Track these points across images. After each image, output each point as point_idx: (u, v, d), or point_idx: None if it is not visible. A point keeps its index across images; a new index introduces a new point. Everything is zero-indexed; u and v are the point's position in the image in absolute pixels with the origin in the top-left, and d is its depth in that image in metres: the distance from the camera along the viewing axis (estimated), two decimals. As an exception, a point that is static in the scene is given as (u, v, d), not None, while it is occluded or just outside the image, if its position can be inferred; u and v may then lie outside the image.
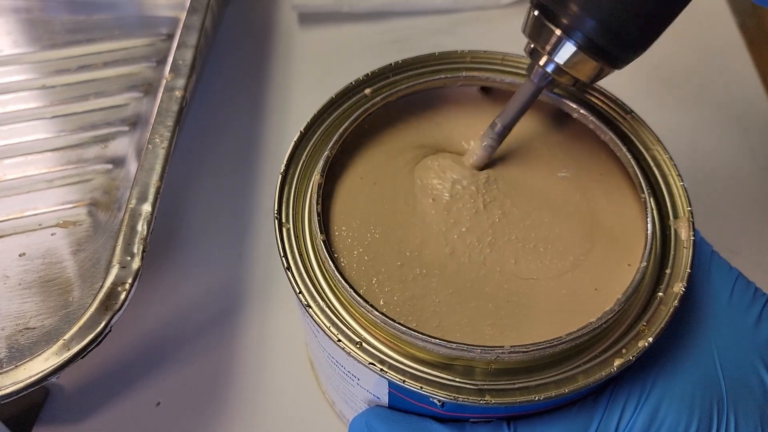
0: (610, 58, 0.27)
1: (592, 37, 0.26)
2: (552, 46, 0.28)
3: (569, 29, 0.27)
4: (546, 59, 0.28)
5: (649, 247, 0.28)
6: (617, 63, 0.28)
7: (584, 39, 0.27)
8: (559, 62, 0.28)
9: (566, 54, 0.28)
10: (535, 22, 0.28)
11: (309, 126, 0.32)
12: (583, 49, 0.27)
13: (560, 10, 0.27)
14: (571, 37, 0.27)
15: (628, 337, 0.27)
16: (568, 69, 0.28)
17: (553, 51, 0.28)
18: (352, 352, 0.26)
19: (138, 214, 0.36)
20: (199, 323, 0.43)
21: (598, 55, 0.27)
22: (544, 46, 0.28)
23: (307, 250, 0.29)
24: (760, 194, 0.50)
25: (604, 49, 0.27)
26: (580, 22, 0.26)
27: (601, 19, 0.26)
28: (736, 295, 0.31)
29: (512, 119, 0.31)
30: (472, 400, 0.25)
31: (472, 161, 0.32)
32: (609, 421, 0.28)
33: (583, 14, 0.26)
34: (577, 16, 0.26)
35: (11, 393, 0.31)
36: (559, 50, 0.28)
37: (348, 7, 0.61)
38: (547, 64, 0.29)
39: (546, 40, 0.28)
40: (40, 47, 0.53)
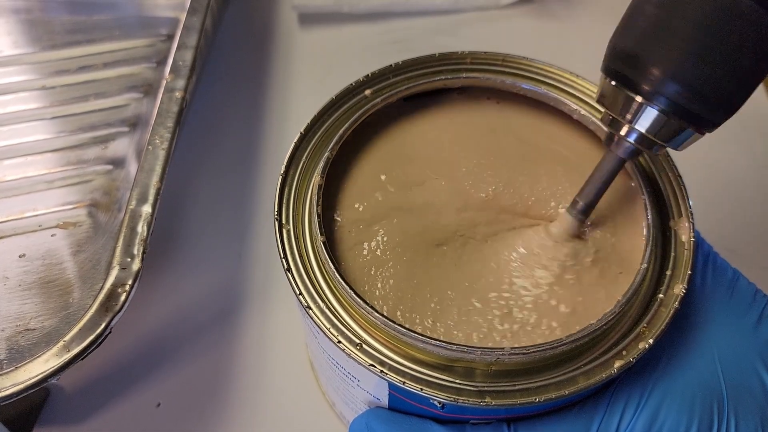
0: (697, 120, 0.25)
1: (676, 100, 0.25)
2: (633, 114, 0.26)
3: (651, 95, 0.25)
4: (627, 128, 0.27)
5: (650, 248, 0.28)
6: (705, 125, 0.26)
7: (668, 103, 0.25)
8: (640, 130, 0.26)
9: (648, 120, 0.26)
10: (612, 91, 0.26)
11: (309, 127, 0.32)
12: (668, 114, 0.25)
13: (639, 76, 0.25)
14: (653, 102, 0.25)
15: (628, 339, 0.27)
16: (651, 136, 0.26)
17: (634, 119, 0.26)
18: (352, 354, 0.26)
19: (138, 215, 0.36)
20: (199, 324, 0.43)
21: (684, 118, 0.25)
22: (624, 115, 0.26)
23: (307, 252, 0.29)
24: (760, 194, 0.50)
25: (691, 112, 0.25)
26: (663, 86, 0.25)
27: (685, 82, 0.24)
28: (736, 297, 0.30)
29: (596, 196, 0.29)
30: (473, 402, 0.25)
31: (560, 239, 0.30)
32: (609, 423, 0.28)
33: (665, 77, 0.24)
34: (659, 80, 0.24)
35: (11, 394, 0.31)
36: (641, 117, 0.26)
37: (348, 8, 0.61)
38: (629, 133, 0.27)
39: (625, 108, 0.26)
40: (40, 48, 0.53)
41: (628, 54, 0.25)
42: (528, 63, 0.35)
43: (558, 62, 0.35)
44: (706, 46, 0.24)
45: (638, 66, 0.25)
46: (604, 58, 0.27)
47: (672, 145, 0.27)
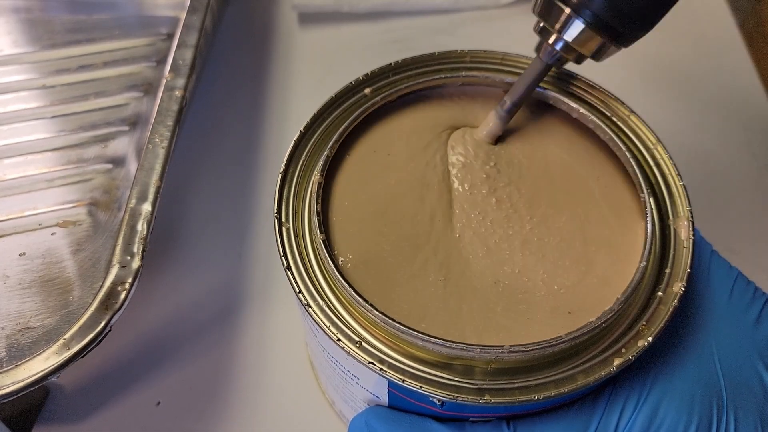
0: (616, 34, 0.29)
1: (600, 14, 0.28)
2: (561, 24, 0.29)
3: (578, 7, 0.28)
4: (555, 37, 0.30)
5: (649, 246, 0.28)
6: (623, 40, 0.29)
7: (592, 16, 0.28)
8: (567, 39, 0.29)
9: (575, 31, 0.29)
10: (546, 2, 0.30)
11: (309, 125, 0.32)
12: (591, 27, 0.28)
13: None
14: (580, 15, 0.28)
15: (627, 337, 0.27)
16: (575, 46, 0.29)
17: (562, 29, 0.29)
18: (352, 352, 0.26)
19: (138, 213, 0.36)
20: (199, 323, 0.43)
21: (605, 31, 0.28)
22: (554, 25, 0.29)
23: (306, 250, 0.29)
24: (760, 194, 0.50)
25: (611, 26, 0.28)
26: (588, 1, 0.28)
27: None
28: (735, 295, 0.31)
29: (521, 96, 0.32)
30: (472, 400, 0.25)
31: (483, 134, 0.33)
32: (608, 421, 0.28)
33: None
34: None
35: (11, 392, 0.31)
36: (568, 28, 0.29)
37: (348, 7, 0.61)
38: (556, 42, 0.30)
39: (556, 19, 0.29)
40: (40, 47, 0.53)
41: None
42: (527, 62, 0.35)
43: (557, 61, 0.35)
44: None
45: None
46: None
47: (593, 56, 0.30)
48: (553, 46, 0.30)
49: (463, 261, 0.29)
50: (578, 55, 0.30)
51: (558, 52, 0.30)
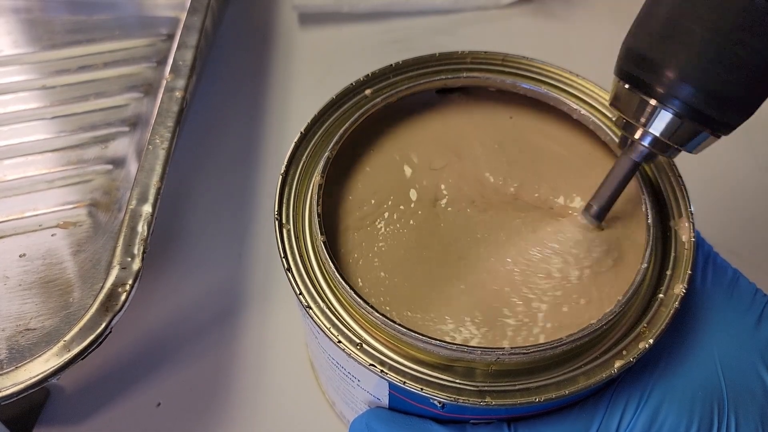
0: (712, 123, 0.25)
1: (691, 103, 0.25)
2: (647, 118, 0.26)
3: (665, 98, 0.25)
4: (641, 132, 0.27)
5: (650, 248, 0.28)
6: (720, 127, 0.26)
7: (683, 106, 0.25)
8: (654, 133, 0.26)
9: (663, 124, 0.26)
10: (626, 94, 0.26)
11: (309, 127, 0.32)
12: (682, 117, 0.25)
13: (653, 79, 0.25)
14: (667, 106, 0.25)
15: (628, 339, 0.27)
16: (666, 139, 0.26)
17: (648, 122, 0.26)
18: (353, 354, 0.26)
19: (138, 214, 0.36)
20: (199, 323, 0.43)
21: (698, 121, 0.25)
22: (639, 118, 0.26)
23: (307, 251, 0.29)
24: (760, 194, 0.50)
25: (705, 115, 0.25)
26: (677, 89, 0.24)
27: (699, 85, 0.24)
28: (736, 297, 0.30)
29: (610, 200, 0.29)
30: (473, 402, 0.25)
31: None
32: (609, 423, 0.28)
33: (680, 79, 0.24)
34: (673, 83, 0.24)
35: (12, 394, 0.31)
36: (655, 120, 0.26)
37: (348, 7, 0.61)
38: (643, 137, 0.27)
39: (639, 112, 0.26)
40: (40, 47, 0.53)
41: (642, 56, 0.25)
42: (528, 63, 0.35)
43: (558, 62, 0.35)
44: (720, 48, 0.23)
45: (652, 69, 0.25)
46: (618, 60, 0.27)
47: (687, 148, 0.26)
48: (639, 141, 0.27)
49: (466, 264, 0.29)
50: (670, 148, 0.27)
51: (646, 147, 0.27)
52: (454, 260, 0.30)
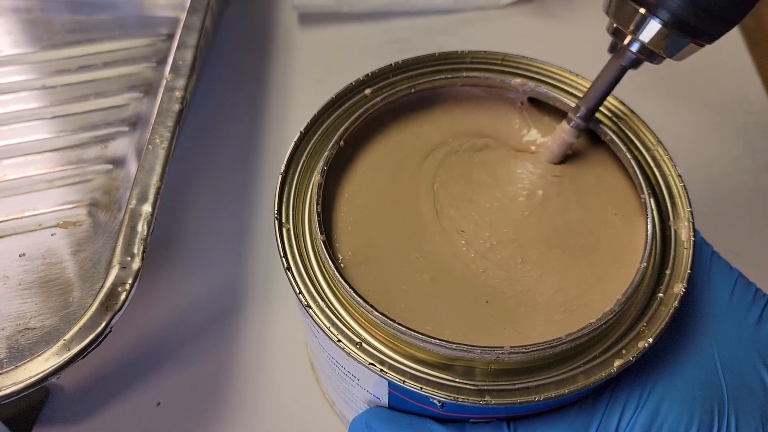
0: (698, 33, 0.26)
1: (677, 13, 0.26)
2: (636, 25, 0.27)
3: (654, 7, 0.26)
4: (630, 39, 0.28)
5: (649, 247, 0.28)
6: (705, 38, 0.27)
7: (670, 16, 0.26)
8: (644, 41, 0.27)
9: (651, 32, 0.27)
10: (618, 2, 0.28)
11: (309, 126, 0.32)
12: (669, 27, 0.26)
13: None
14: (656, 14, 0.26)
15: (628, 338, 0.27)
16: (653, 47, 0.27)
17: (637, 30, 0.27)
18: (352, 353, 0.26)
19: (138, 214, 0.36)
20: (199, 323, 0.43)
21: (685, 31, 0.26)
22: (628, 26, 0.27)
23: (307, 251, 0.29)
24: (760, 194, 0.50)
25: (692, 25, 0.26)
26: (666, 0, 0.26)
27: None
28: (736, 296, 0.30)
29: (597, 101, 0.30)
30: (472, 401, 0.25)
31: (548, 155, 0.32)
32: (609, 422, 0.28)
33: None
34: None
35: (11, 393, 0.31)
36: (644, 29, 0.27)
37: (348, 7, 0.61)
38: (631, 43, 0.28)
39: (629, 19, 0.27)
40: (40, 47, 0.53)
41: None
42: (528, 62, 0.35)
43: (558, 61, 0.35)
44: None
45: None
46: None
47: (670, 55, 0.28)
48: (628, 47, 0.28)
49: (462, 263, 0.29)
50: (656, 56, 0.28)
51: (634, 53, 0.28)
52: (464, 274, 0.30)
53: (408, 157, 0.33)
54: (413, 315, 0.28)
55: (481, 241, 0.30)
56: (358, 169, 0.33)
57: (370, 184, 0.32)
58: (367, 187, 0.32)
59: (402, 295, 0.28)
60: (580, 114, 0.31)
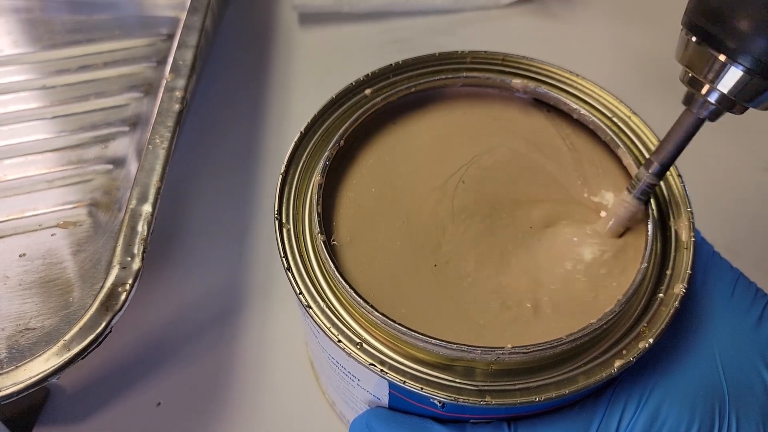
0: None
1: (763, 59, 0.23)
2: (715, 74, 0.25)
3: (735, 53, 0.24)
4: (708, 88, 0.25)
5: (650, 248, 0.28)
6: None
7: (754, 62, 0.23)
8: (723, 90, 0.25)
9: (732, 80, 0.24)
10: (695, 49, 0.25)
11: (309, 126, 0.32)
12: (753, 74, 0.24)
13: (723, 33, 0.24)
14: (737, 61, 0.24)
15: (628, 338, 0.27)
16: (734, 96, 0.25)
17: (716, 79, 0.25)
18: (353, 353, 0.26)
19: (138, 214, 0.36)
20: (199, 323, 0.43)
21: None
22: (706, 75, 0.25)
23: (307, 251, 0.29)
24: (760, 195, 0.50)
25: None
26: (750, 44, 0.23)
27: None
28: (737, 296, 0.30)
29: (672, 156, 0.28)
30: (473, 401, 0.25)
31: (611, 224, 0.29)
32: (609, 422, 0.28)
33: (753, 34, 0.23)
34: (745, 37, 0.23)
35: (12, 394, 0.31)
36: (723, 77, 0.24)
37: (348, 7, 0.61)
38: (709, 93, 0.25)
39: (708, 68, 0.25)
40: (40, 47, 0.53)
41: (713, 9, 0.24)
42: (528, 62, 0.35)
43: (558, 61, 0.35)
44: None
45: (723, 22, 0.24)
46: (686, 12, 0.25)
47: (754, 105, 0.25)
48: (706, 97, 0.26)
49: (466, 265, 0.29)
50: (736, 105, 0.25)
51: (713, 104, 0.26)
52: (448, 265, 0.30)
53: (409, 156, 0.33)
54: (411, 315, 0.28)
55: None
56: (359, 169, 0.33)
57: (371, 185, 0.32)
58: (368, 187, 0.32)
59: (403, 296, 0.28)
60: (653, 170, 0.28)
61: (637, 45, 0.59)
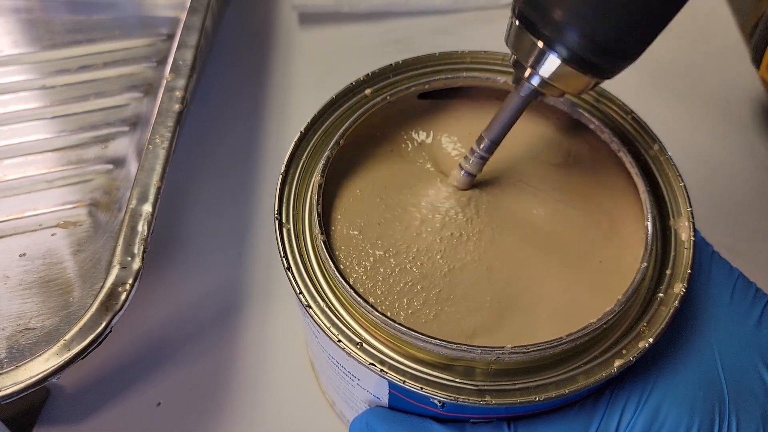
0: (597, 70, 0.25)
1: (575, 50, 0.24)
2: (535, 59, 0.26)
3: (552, 41, 0.25)
4: (530, 72, 0.27)
5: (650, 247, 0.28)
6: (605, 74, 0.26)
7: (568, 52, 0.25)
8: (543, 75, 0.26)
9: (550, 67, 0.26)
10: (517, 33, 0.26)
11: (309, 126, 0.32)
12: (568, 62, 0.25)
13: (541, 21, 0.25)
14: (554, 49, 0.25)
15: (628, 338, 0.27)
16: (553, 82, 0.26)
17: (536, 64, 0.26)
18: (353, 353, 0.26)
19: (138, 214, 0.36)
20: (199, 323, 0.43)
21: (584, 67, 0.25)
22: (527, 59, 0.26)
23: (307, 251, 0.29)
24: (760, 194, 0.50)
25: (590, 62, 0.25)
26: (563, 34, 0.24)
27: (584, 31, 0.24)
28: (736, 296, 0.31)
29: (500, 133, 0.30)
30: (473, 401, 0.25)
31: (457, 182, 0.31)
32: (609, 422, 0.28)
33: (565, 25, 0.24)
34: (559, 28, 0.24)
35: (12, 393, 0.31)
36: (543, 63, 0.26)
37: (348, 7, 0.61)
38: (531, 77, 0.27)
39: (529, 53, 0.26)
40: (40, 47, 0.53)
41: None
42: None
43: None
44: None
45: (541, 11, 0.24)
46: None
47: (571, 91, 0.27)
48: (529, 80, 0.27)
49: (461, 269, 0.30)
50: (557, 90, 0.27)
51: (535, 87, 0.27)
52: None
53: (411, 158, 0.33)
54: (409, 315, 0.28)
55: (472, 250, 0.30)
56: (359, 169, 0.33)
57: (371, 184, 0.32)
58: (368, 187, 0.32)
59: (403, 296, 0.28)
60: (483, 146, 0.30)
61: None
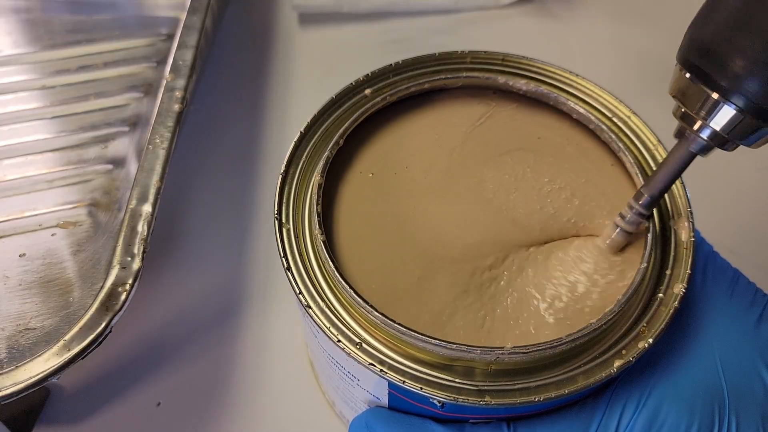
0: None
1: (756, 99, 0.23)
2: (707, 111, 0.25)
3: (728, 93, 0.24)
4: (700, 124, 0.25)
5: (649, 248, 0.28)
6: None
7: (746, 102, 0.23)
8: (714, 127, 0.25)
9: (724, 119, 0.24)
10: (687, 85, 0.25)
11: (309, 126, 0.32)
12: (745, 113, 0.24)
13: (718, 72, 0.24)
14: (730, 100, 0.24)
15: (628, 338, 0.27)
16: (726, 135, 0.25)
17: (708, 116, 0.25)
18: (352, 353, 0.26)
19: (138, 214, 0.36)
20: (199, 323, 0.43)
21: (762, 118, 0.24)
22: (698, 111, 0.25)
23: (307, 251, 0.29)
24: (760, 194, 0.50)
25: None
26: (743, 85, 0.23)
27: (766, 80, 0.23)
28: (736, 296, 0.30)
29: (662, 190, 0.28)
30: (472, 401, 0.25)
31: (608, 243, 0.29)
32: (609, 422, 0.28)
33: (747, 75, 0.23)
34: (740, 78, 0.23)
35: (12, 394, 0.31)
36: (716, 115, 0.25)
37: (348, 7, 0.61)
38: (701, 129, 0.25)
39: (700, 105, 0.25)
40: (40, 47, 0.53)
41: (707, 47, 0.24)
42: (528, 62, 0.35)
43: (558, 62, 0.35)
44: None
45: (717, 61, 0.24)
46: (680, 48, 0.26)
47: (746, 143, 0.26)
48: (698, 134, 0.26)
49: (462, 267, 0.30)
50: (729, 143, 0.26)
51: (705, 140, 0.26)
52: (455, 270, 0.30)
53: (411, 158, 0.33)
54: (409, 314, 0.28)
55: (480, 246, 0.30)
56: (359, 169, 0.33)
57: (371, 184, 0.32)
58: (368, 187, 0.32)
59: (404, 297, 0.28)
60: (642, 201, 0.28)
61: (637, 45, 0.59)
